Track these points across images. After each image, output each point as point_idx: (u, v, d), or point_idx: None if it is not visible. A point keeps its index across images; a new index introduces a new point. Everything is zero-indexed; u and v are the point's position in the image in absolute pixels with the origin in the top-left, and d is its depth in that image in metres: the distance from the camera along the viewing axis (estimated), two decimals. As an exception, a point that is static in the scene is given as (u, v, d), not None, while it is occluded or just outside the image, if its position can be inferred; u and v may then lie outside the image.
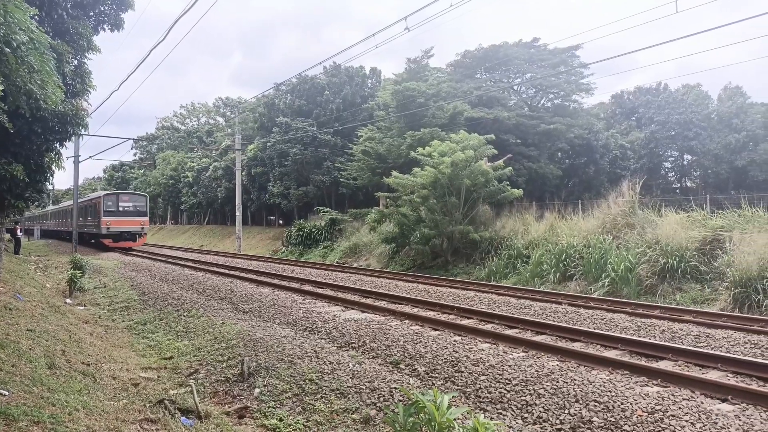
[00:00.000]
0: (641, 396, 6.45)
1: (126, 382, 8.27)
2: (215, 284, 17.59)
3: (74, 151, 38.33)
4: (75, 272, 18.47)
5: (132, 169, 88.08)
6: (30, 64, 6.74)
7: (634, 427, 5.73)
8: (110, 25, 14.46)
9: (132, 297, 17.00)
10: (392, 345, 9.29)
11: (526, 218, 23.16)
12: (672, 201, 22.73)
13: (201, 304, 14.42)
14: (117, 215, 37.19)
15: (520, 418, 6.31)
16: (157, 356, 10.37)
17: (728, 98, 51.79)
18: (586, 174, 40.31)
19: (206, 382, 8.45)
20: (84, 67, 14.27)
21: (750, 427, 5.65)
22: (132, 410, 6.70)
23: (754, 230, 14.92)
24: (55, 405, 6.06)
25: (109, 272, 23.78)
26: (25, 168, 13.09)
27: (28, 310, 11.91)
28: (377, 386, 7.32)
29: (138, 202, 39.44)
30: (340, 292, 15.85)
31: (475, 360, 8.13)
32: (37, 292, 15.84)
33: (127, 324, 13.57)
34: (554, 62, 35.34)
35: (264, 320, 12.19)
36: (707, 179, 51.92)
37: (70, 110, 13.09)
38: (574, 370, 7.58)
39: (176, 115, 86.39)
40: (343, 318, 11.65)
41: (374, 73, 49.43)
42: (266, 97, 49.44)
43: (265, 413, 7.06)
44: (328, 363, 8.43)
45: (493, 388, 7.07)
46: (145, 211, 39.42)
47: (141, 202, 39.64)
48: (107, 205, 37.36)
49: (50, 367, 7.81)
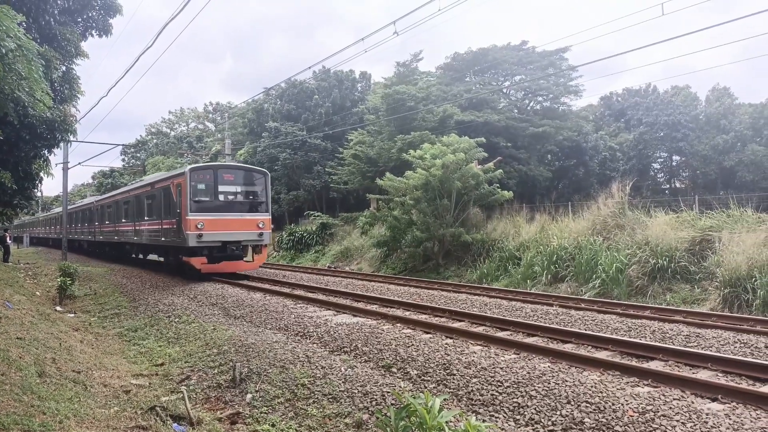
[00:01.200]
0: (632, 396, 6.48)
1: (117, 389, 8.23)
2: (206, 290, 17.52)
3: (63, 157, 37.86)
4: (65, 279, 18.35)
5: (122, 175, 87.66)
6: (18, 72, 6.72)
7: (625, 428, 5.76)
8: (98, 31, 14.45)
9: (122, 303, 16.91)
10: (384, 349, 9.28)
11: (516, 220, 23.24)
12: (661, 202, 22.88)
13: (192, 310, 14.37)
14: (215, 210, 19.95)
15: (512, 420, 6.32)
16: (149, 363, 10.32)
17: (716, 99, 52.19)
18: (575, 176, 40.43)
19: (198, 388, 8.41)
20: (72, 72, 14.25)
21: (740, 426, 5.68)
22: (123, 417, 6.67)
23: (743, 230, 15.04)
24: (45, 413, 6.02)
25: (99, 279, 23.65)
26: (13, 175, 13.05)
27: (17, 318, 11.82)
28: (369, 390, 7.31)
29: (252, 184, 21.36)
30: (332, 296, 15.84)
31: (467, 362, 8.14)
32: (26, 300, 15.74)
33: (118, 331, 13.51)
34: (543, 64, 35.46)
35: (256, 325, 12.15)
36: (696, 180, 52.24)
37: (58, 116, 13.07)
38: (565, 371, 7.60)
39: (165, 121, 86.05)
40: (335, 322, 11.63)
41: (364, 77, 49.48)
42: (256, 101, 49.38)
43: (257, 419, 7.04)
44: (320, 367, 8.42)
45: (485, 391, 7.08)
46: (263, 200, 21.37)
47: (258, 184, 21.46)
48: (197, 190, 19.75)
49: (40, 375, 7.76)
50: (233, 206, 20.63)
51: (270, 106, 47.78)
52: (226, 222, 20.06)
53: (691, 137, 48.76)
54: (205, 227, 19.22)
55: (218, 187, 20.18)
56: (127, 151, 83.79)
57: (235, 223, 20.28)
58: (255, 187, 21.37)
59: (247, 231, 20.32)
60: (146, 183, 25.44)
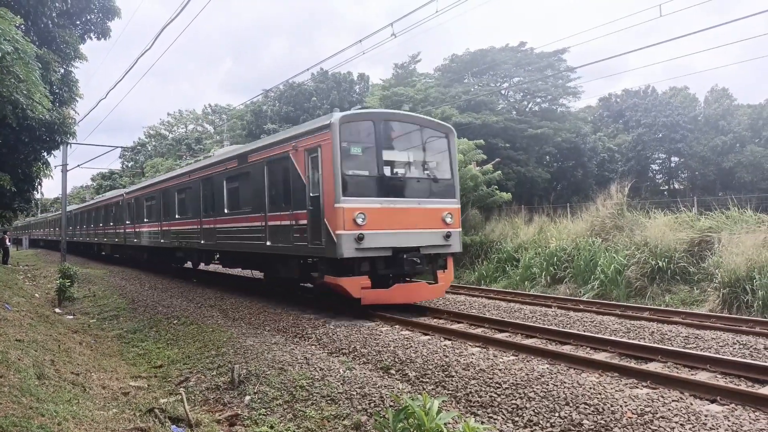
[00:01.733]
0: (631, 398, 6.48)
1: (116, 391, 8.23)
2: (204, 291, 17.52)
3: (62, 159, 37.87)
4: (64, 281, 18.34)
5: (121, 177, 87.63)
6: (16, 74, 6.73)
7: (624, 429, 5.76)
8: (97, 34, 14.46)
9: (121, 305, 16.91)
10: (383, 350, 9.28)
11: (515, 222, 23.27)
12: (660, 203, 22.94)
13: (191, 312, 14.36)
14: (381, 192, 12.01)
15: (511, 421, 6.32)
16: (147, 365, 10.32)
17: (715, 100, 52.30)
18: (574, 177, 40.50)
19: (197, 390, 8.41)
20: (71, 75, 14.26)
21: (739, 427, 5.68)
22: (122, 419, 6.67)
23: (742, 231, 15.05)
24: (44, 415, 6.02)
25: (98, 281, 23.64)
26: (12, 177, 13.06)
27: (16, 320, 11.83)
28: (368, 392, 7.31)
29: (432, 149, 13.44)
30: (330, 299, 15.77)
31: (466, 364, 8.14)
32: (25, 302, 15.74)
33: (117, 333, 13.50)
34: (541, 66, 35.53)
35: (254, 327, 12.15)
36: (695, 181, 52.33)
37: (57, 119, 13.09)
38: (564, 373, 7.61)
39: (163, 123, 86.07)
40: (333, 324, 11.62)
41: (362, 79, 49.52)
42: (254, 103, 49.39)
43: (256, 420, 7.03)
44: (318, 369, 8.41)
45: (483, 392, 7.08)
46: (449, 177, 13.36)
47: (439, 149, 13.50)
48: (351, 158, 12.00)
49: (39, 378, 7.76)
50: (407, 187, 12.51)
51: (268, 108, 47.79)
52: (399, 214, 12.02)
53: (690, 138, 48.83)
54: (368, 223, 11.43)
55: (381, 152, 12.21)
56: (125, 154, 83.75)
57: (413, 215, 12.22)
58: (436, 155, 13.37)
59: (430, 230, 12.40)
60: (229, 157, 16.68)
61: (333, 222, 11.34)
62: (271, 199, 13.96)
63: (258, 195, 14.45)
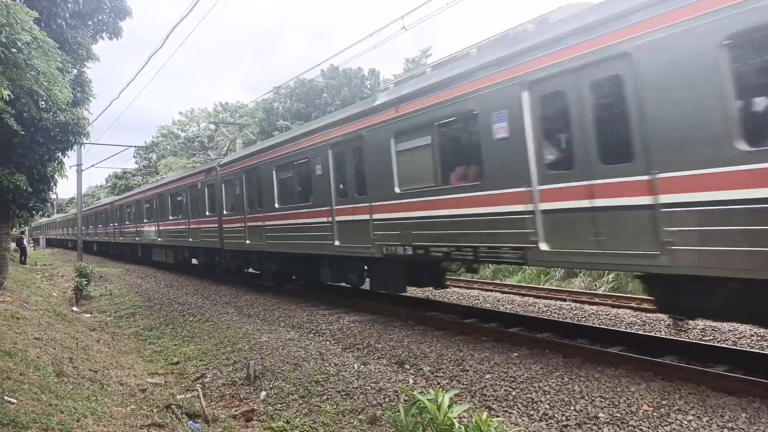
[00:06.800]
0: (647, 391, 6.45)
1: (133, 387, 8.31)
2: (219, 289, 17.62)
3: (77, 159, 38.12)
4: (81, 280, 18.55)
5: (134, 176, 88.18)
6: (34, 67, 6.80)
7: (640, 422, 5.74)
8: (109, 34, 14.56)
9: (138, 303, 17.05)
10: (397, 345, 9.31)
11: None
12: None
13: (206, 309, 14.47)
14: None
15: (526, 415, 6.32)
16: (164, 361, 10.41)
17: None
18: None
19: (213, 386, 8.48)
20: (84, 76, 14.38)
21: (757, 419, 5.65)
22: (140, 416, 6.73)
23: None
24: (63, 412, 6.10)
25: (114, 279, 23.86)
26: (28, 178, 13.19)
27: (35, 319, 11.96)
28: (383, 386, 7.34)
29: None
30: (343, 296, 15.81)
31: (480, 358, 8.15)
32: (43, 301, 15.91)
33: (134, 330, 13.62)
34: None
35: (269, 323, 12.21)
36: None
37: (71, 119, 13.20)
38: (579, 366, 7.59)
39: (175, 123, 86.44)
40: (347, 320, 11.66)
41: (373, 74, 49.41)
42: (266, 101, 49.49)
43: (272, 416, 7.08)
44: (333, 364, 8.46)
45: (498, 386, 7.09)
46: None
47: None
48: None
49: (58, 375, 7.85)
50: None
51: (280, 105, 47.87)
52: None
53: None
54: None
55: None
56: (139, 153, 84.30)
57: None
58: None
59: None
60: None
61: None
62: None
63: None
